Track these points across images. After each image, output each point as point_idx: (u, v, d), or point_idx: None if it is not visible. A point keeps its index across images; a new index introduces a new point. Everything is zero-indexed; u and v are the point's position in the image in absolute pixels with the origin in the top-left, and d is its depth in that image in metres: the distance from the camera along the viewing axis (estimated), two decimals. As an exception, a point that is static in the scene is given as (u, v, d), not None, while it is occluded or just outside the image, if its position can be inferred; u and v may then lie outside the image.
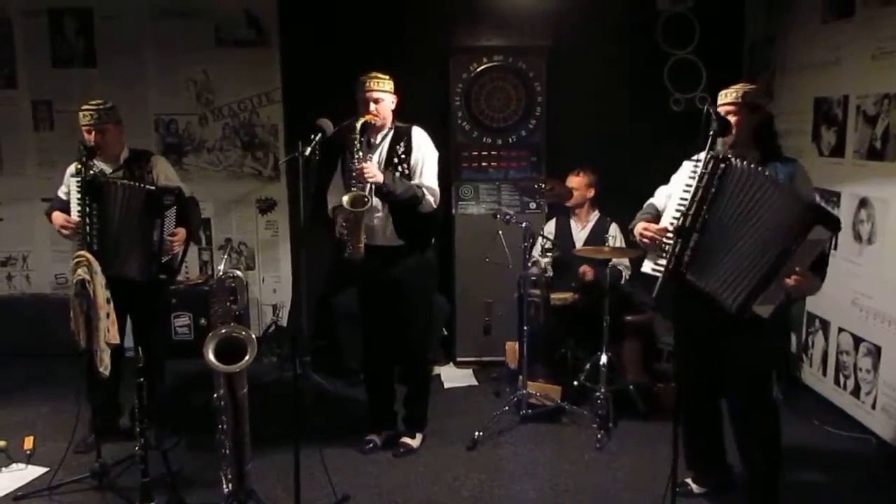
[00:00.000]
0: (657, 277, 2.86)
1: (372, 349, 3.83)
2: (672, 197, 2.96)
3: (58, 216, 3.67)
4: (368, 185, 3.45)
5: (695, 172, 2.79)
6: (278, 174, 5.51)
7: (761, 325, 2.73)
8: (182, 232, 3.73)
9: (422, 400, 3.88)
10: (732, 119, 2.85)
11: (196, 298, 5.23)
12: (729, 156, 2.79)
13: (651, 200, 3.20)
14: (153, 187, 3.66)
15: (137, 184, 3.63)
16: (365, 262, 3.54)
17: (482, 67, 4.98)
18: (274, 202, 5.54)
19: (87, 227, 3.53)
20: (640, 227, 2.99)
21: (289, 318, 5.36)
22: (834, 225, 2.64)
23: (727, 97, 2.91)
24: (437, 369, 5.00)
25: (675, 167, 3.16)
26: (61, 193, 3.79)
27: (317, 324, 5.21)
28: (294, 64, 5.32)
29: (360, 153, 3.47)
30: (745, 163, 2.76)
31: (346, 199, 3.40)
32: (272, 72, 5.38)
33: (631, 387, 4.19)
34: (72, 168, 3.70)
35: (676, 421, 2.76)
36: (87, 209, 3.53)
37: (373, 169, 3.44)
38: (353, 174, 3.45)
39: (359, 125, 3.45)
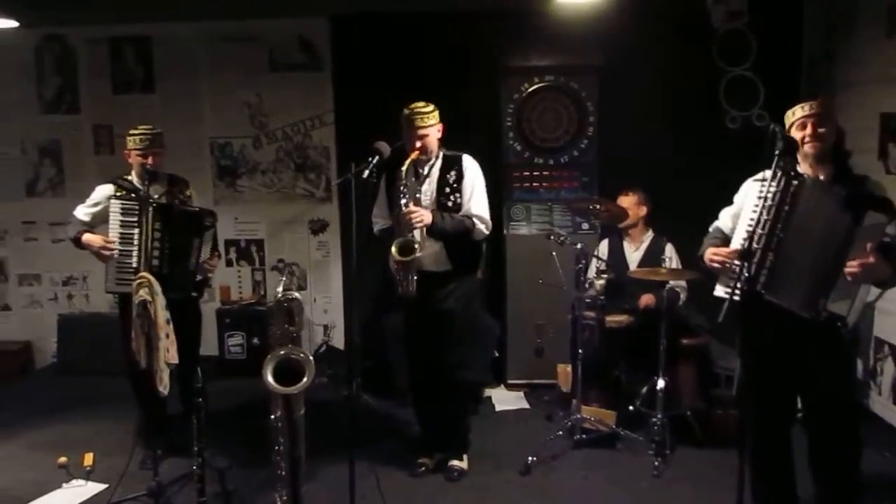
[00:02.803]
0: (718, 301, 2.81)
1: (418, 371, 3.85)
2: (741, 218, 2.90)
3: (93, 237, 3.72)
4: (417, 231, 3.48)
5: (762, 191, 2.74)
6: (330, 196, 5.61)
7: (842, 348, 2.67)
8: (216, 258, 3.92)
9: (463, 420, 3.88)
10: (820, 129, 2.76)
11: (249, 318, 5.35)
12: (799, 171, 2.75)
13: (716, 224, 3.15)
14: (198, 209, 3.81)
15: (193, 208, 3.78)
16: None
17: (533, 87, 5.00)
18: (326, 223, 5.64)
19: (158, 252, 3.63)
20: (709, 253, 2.94)
21: (346, 339, 5.40)
22: (884, 206, 2.59)
23: (811, 108, 2.80)
24: (488, 391, 4.99)
25: (731, 185, 3.11)
26: (84, 216, 3.84)
27: (366, 344, 5.24)
28: (346, 87, 5.44)
29: (407, 196, 3.49)
30: (816, 178, 2.71)
31: (394, 248, 3.45)
32: (324, 95, 5.50)
33: (688, 412, 4.11)
34: (109, 189, 3.80)
35: (742, 449, 2.67)
36: (158, 233, 3.63)
37: (420, 212, 3.46)
38: (401, 217, 3.47)
39: (405, 168, 3.48)
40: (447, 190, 3.59)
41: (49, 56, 5.63)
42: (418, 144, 3.51)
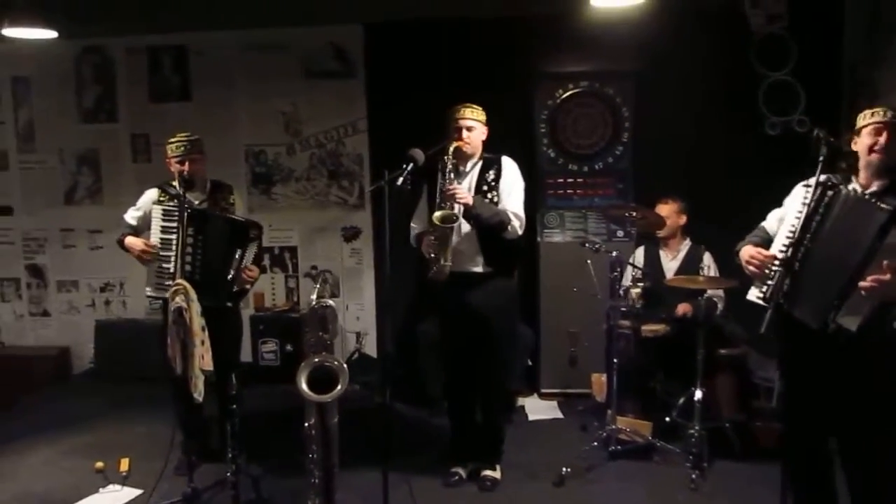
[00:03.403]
0: (756, 309, 2.76)
1: (454, 378, 3.83)
2: (784, 222, 2.84)
3: (135, 241, 3.78)
4: (457, 206, 3.50)
5: (806, 197, 2.68)
6: (363, 202, 5.64)
7: (873, 356, 2.59)
8: (257, 271, 3.87)
9: (497, 429, 3.86)
10: (880, 138, 2.68)
11: (283, 325, 5.39)
12: (837, 182, 2.68)
13: (763, 224, 3.06)
14: (243, 219, 3.81)
15: (235, 217, 3.79)
16: (448, 288, 3.57)
17: (568, 93, 4.99)
18: (358, 230, 5.67)
19: (191, 258, 3.65)
20: (746, 252, 2.87)
21: (378, 347, 5.42)
22: None
23: (875, 116, 2.72)
24: (521, 400, 4.96)
25: (771, 192, 3.05)
26: (131, 219, 3.90)
27: (399, 352, 5.25)
28: (379, 94, 5.48)
29: (451, 175, 3.52)
30: (854, 190, 2.64)
31: (437, 214, 3.46)
32: (358, 102, 5.54)
33: (727, 424, 4.04)
34: (153, 194, 3.86)
35: (785, 463, 2.62)
36: (191, 239, 3.65)
37: (463, 190, 3.49)
38: (444, 193, 3.49)
39: (451, 148, 3.51)
40: (484, 188, 3.60)
41: (88, 66, 5.75)
42: (465, 135, 3.54)
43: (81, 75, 5.77)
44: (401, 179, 3.08)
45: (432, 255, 3.52)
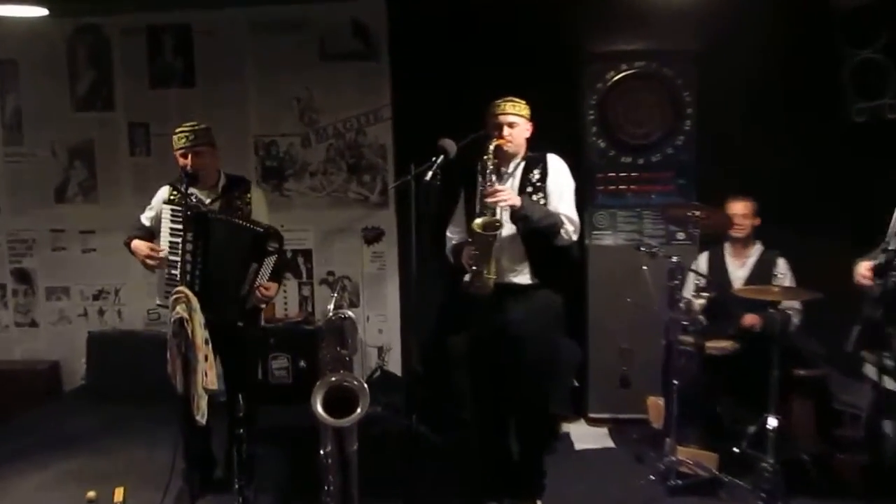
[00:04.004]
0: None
1: (486, 400, 3.83)
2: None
3: (140, 245, 3.80)
4: (501, 210, 3.49)
5: None
6: (387, 200, 5.67)
7: None
8: (274, 287, 3.84)
9: (537, 460, 3.85)
10: None
11: (295, 338, 5.43)
12: None
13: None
14: (262, 230, 3.74)
15: (246, 224, 3.74)
16: (486, 299, 3.57)
17: (620, 75, 4.96)
18: (381, 231, 5.70)
19: (190, 266, 3.66)
20: (862, 267, 2.83)
21: (403, 364, 5.43)
22: None
23: None
24: (566, 427, 4.95)
25: (858, 188, 3.01)
26: (145, 219, 3.96)
27: (427, 370, 5.25)
28: (405, 78, 5.49)
29: (492, 177, 3.51)
30: None
31: (477, 221, 3.45)
32: (381, 87, 5.58)
33: (805, 456, 3.99)
34: (165, 192, 3.88)
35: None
36: (190, 245, 3.66)
37: (506, 190, 3.49)
38: (486, 197, 3.48)
39: (492, 148, 3.50)
40: (529, 190, 3.60)
41: (82, 48, 5.84)
42: (506, 132, 3.53)
43: (74, 58, 5.85)
44: (430, 174, 3.08)
45: (474, 268, 3.52)
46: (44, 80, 5.88)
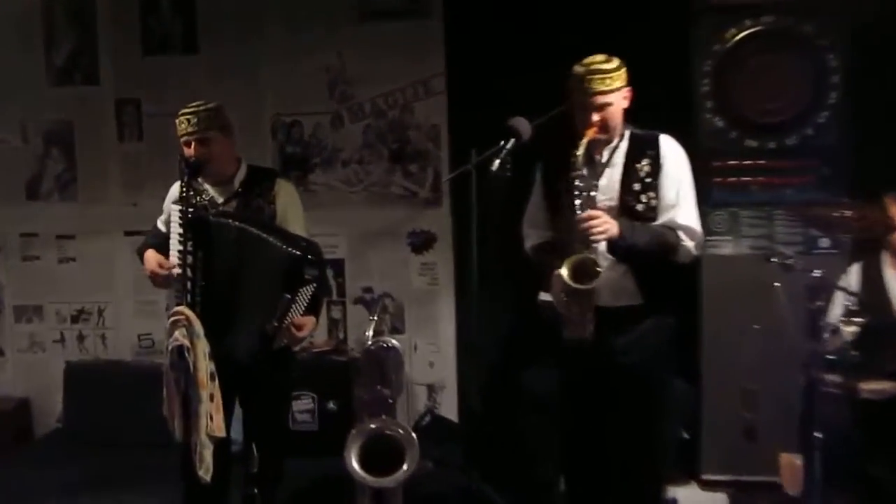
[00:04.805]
0: None
1: (576, 455, 3.82)
2: None
3: (150, 257, 3.81)
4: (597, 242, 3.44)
5: None
6: (439, 196, 5.67)
7: None
8: (310, 324, 3.76)
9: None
10: None
11: (323, 373, 5.44)
12: None
13: None
14: (297, 252, 3.61)
15: (273, 238, 3.64)
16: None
17: (744, 34, 4.89)
18: (433, 236, 5.70)
19: (190, 283, 3.62)
20: None
21: (461, 406, 5.41)
22: None
23: None
24: (673, 490, 4.88)
25: None
26: (160, 223, 4.01)
27: (491, 414, 5.22)
28: (463, 40, 5.48)
29: (584, 169, 3.46)
30: None
31: (565, 269, 3.38)
32: (433, 53, 5.58)
33: None
34: (176, 188, 3.88)
35: None
36: (190, 257, 3.62)
37: (604, 219, 3.41)
38: (576, 226, 3.41)
39: (581, 151, 3.44)
40: (637, 187, 3.56)
41: (59, 8, 5.95)
42: (596, 118, 3.48)
43: (51, 21, 5.97)
44: (497, 162, 3.05)
45: (568, 314, 3.50)
46: (11, 47, 5.98)
